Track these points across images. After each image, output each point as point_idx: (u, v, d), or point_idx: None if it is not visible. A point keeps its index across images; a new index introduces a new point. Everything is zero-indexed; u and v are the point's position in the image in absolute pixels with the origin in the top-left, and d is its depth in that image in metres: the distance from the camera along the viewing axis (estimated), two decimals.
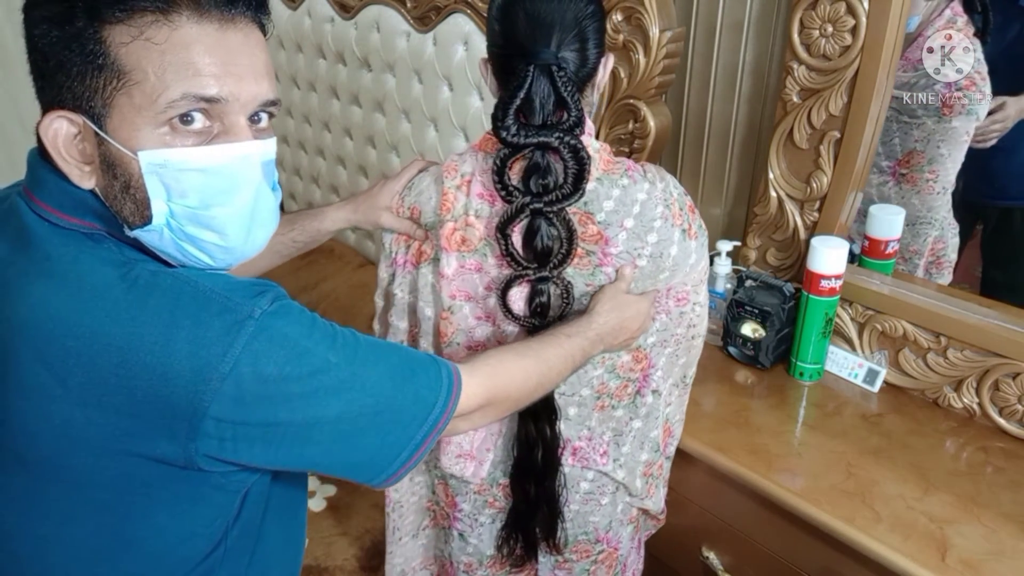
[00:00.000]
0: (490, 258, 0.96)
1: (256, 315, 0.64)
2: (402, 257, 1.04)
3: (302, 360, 0.66)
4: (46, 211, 0.67)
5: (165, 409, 0.62)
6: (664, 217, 0.93)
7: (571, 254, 0.90)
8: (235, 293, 0.65)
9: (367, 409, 0.70)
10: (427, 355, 0.78)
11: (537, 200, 0.87)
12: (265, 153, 0.70)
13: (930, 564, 0.96)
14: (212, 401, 0.62)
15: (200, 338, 0.62)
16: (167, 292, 0.64)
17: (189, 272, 0.67)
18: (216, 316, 0.63)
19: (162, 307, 0.63)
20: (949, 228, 1.36)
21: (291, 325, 0.67)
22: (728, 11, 1.44)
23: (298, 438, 0.68)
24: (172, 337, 0.62)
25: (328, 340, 0.69)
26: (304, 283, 2.24)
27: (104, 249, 0.67)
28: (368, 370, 0.71)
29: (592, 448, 1.04)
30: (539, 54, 0.84)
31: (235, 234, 0.69)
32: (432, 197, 0.99)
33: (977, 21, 1.20)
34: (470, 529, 1.12)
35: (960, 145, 1.28)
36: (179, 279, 0.65)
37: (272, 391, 0.65)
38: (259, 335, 0.64)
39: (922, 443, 1.18)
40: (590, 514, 1.08)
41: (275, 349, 0.65)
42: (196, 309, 0.63)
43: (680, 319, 1.03)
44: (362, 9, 1.94)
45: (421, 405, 0.73)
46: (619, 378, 1.01)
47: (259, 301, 0.65)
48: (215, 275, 0.68)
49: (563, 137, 0.85)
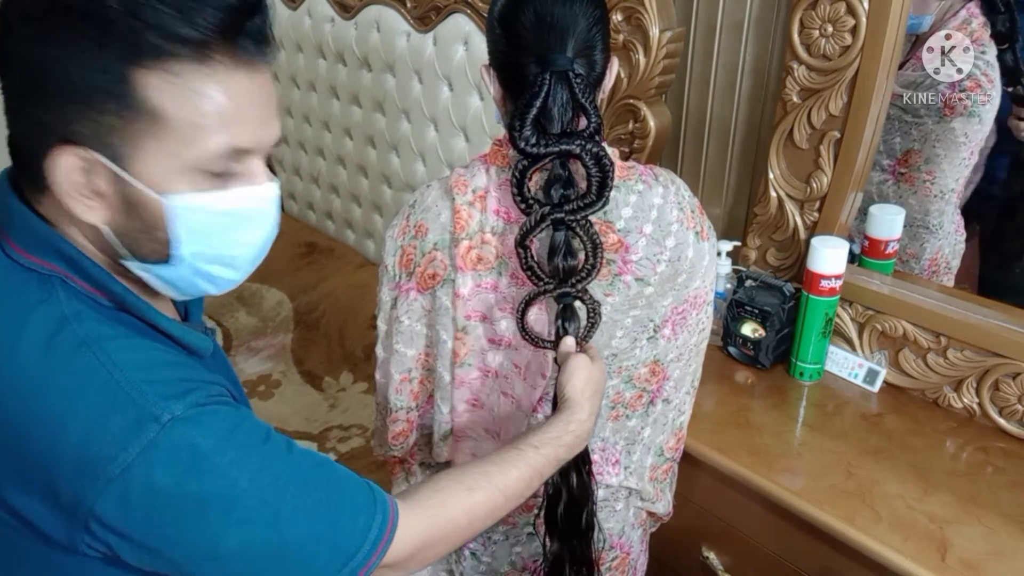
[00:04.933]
0: (505, 277, 0.92)
1: (163, 419, 0.59)
2: (406, 283, 0.98)
3: (204, 478, 0.60)
4: (8, 245, 0.64)
5: (52, 491, 0.59)
6: (679, 220, 0.91)
7: (597, 267, 0.84)
8: (152, 388, 0.60)
9: (271, 549, 0.62)
10: (366, 488, 0.69)
11: (558, 209, 0.82)
12: (277, 192, 0.70)
13: (930, 564, 0.96)
14: (95, 502, 0.58)
15: (94, 432, 0.58)
16: (77, 373, 0.60)
17: (116, 353, 0.61)
18: (118, 412, 0.59)
19: (66, 389, 0.59)
20: (949, 238, 1.35)
21: (204, 436, 0.61)
22: (728, 11, 1.44)
23: (184, 566, 0.61)
24: (66, 425, 0.58)
25: (247, 459, 0.62)
26: (304, 283, 2.24)
27: (51, 300, 0.63)
28: (284, 502, 0.63)
29: (605, 459, 1.02)
30: (555, 61, 0.80)
31: (246, 267, 0.70)
32: (441, 213, 0.93)
33: (1001, 22, 1.19)
34: (483, 548, 1.10)
35: (957, 147, 1.28)
36: (99, 359, 0.60)
37: (162, 505, 0.59)
38: (161, 442, 0.58)
39: (922, 443, 1.18)
40: (604, 521, 1.06)
41: (176, 460, 0.59)
42: (99, 400, 0.59)
43: (695, 327, 1.00)
44: (362, 9, 1.94)
45: (338, 553, 0.64)
46: (635, 388, 0.99)
47: (173, 404, 0.60)
48: (151, 359, 0.64)
49: (584, 144, 0.81)
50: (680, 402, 1.06)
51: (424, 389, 1.05)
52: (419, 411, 1.07)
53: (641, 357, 0.97)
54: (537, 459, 0.80)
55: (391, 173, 2.09)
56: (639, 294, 0.92)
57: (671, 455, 1.09)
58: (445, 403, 1.04)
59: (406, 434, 1.07)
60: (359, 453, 1.74)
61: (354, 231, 2.37)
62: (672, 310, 0.95)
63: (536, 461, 0.80)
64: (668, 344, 0.98)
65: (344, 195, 2.35)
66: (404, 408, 1.04)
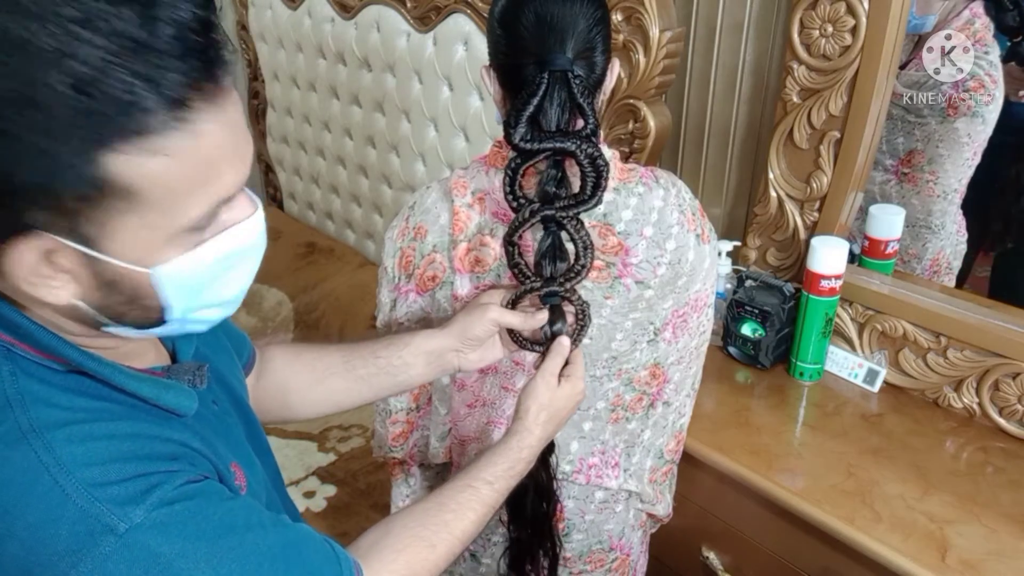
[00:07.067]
0: (504, 279, 0.92)
1: (120, 530, 0.52)
2: (405, 285, 0.98)
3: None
4: None
5: None
6: (680, 223, 0.91)
7: (587, 267, 0.83)
8: (106, 493, 0.53)
9: None
10: (333, 560, 0.67)
11: (549, 206, 0.81)
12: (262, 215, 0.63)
13: (930, 564, 0.96)
14: None
15: (40, 549, 0.51)
16: (16, 477, 0.52)
17: (63, 448, 0.54)
18: (65, 523, 0.52)
19: (7, 487, 0.52)
20: (951, 238, 1.35)
21: (169, 541, 0.55)
22: (728, 11, 1.44)
23: None
24: (4, 538, 0.52)
25: (216, 554, 0.57)
26: (304, 283, 2.24)
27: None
28: None
29: (605, 462, 1.02)
30: (554, 61, 0.80)
31: (238, 297, 0.64)
32: (441, 215, 0.93)
33: (1010, 19, 1.19)
34: (482, 549, 1.10)
35: (960, 147, 1.28)
36: (41, 459, 0.53)
37: None
38: (118, 554, 0.52)
39: (922, 443, 1.18)
40: (604, 523, 1.07)
41: (135, 572, 0.53)
42: (43, 513, 0.52)
43: (696, 329, 1.00)
44: (362, 9, 1.94)
45: None
46: (635, 391, 0.99)
47: (132, 510, 0.53)
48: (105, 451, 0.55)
49: (580, 144, 0.79)
50: (680, 404, 1.05)
51: (424, 391, 1.05)
52: (419, 412, 1.07)
53: (641, 360, 0.97)
54: (491, 496, 0.81)
55: (391, 173, 2.09)
56: (639, 297, 0.92)
57: (671, 457, 1.09)
58: (443, 404, 1.04)
59: (406, 435, 1.07)
60: (359, 453, 1.75)
61: (354, 231, 2.37)
62: (673, 313, 0.95)
63: (490, 498, 0.81)
64: (668, 347, 0.98)
65: (344, 195, 2.35)
66: (404, 409, 1.05)
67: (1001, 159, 1.27)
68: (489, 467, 0.82)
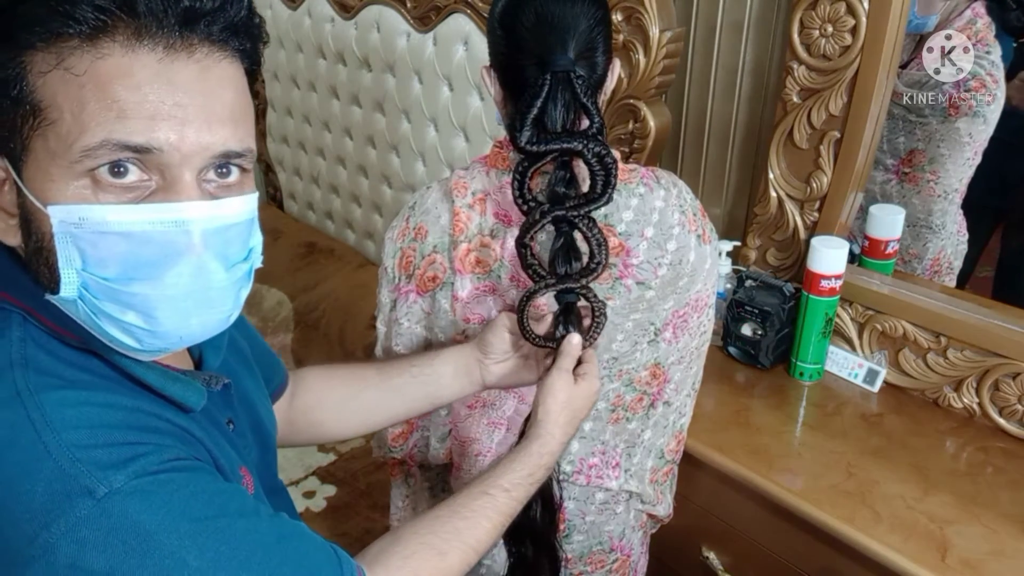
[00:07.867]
0: (504, 280, 0.92)
1: (99, 494, 0.50)
2: (405, 285, 0.97)
3: (147, 558, 0.51)
4: None
5: None
6: (681, 224, 0.91)
7: (603, 264, 0.81)
8: (88, 455, 0.51)
9: None
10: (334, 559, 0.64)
11: (560, 207, 0.80)
12: (212, 218, 0.54)
13: (930, 564, 0.96)
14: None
15: (12, 506, 0.49)
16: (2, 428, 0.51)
17: (53, 409, 0.52)
18: (41, 482, 0.50)
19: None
20: (951, 238, 1.35)
21: (150, 511, 0.52)
22: (728, 11, 1.44)
23: None
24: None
25: (202, 535, 0.54)
26: (304, 283, 2.24)
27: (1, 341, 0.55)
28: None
29: (605, 462, 1.02)
30: (556, 62, 0.79)
31: (166, 318, 0.55)
32: (441, 216, 0.93)
33: (1014, 19, 1.19)
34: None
35: (961, 147, 1.28)
36: (29, 415, 0.51)
37: None
38: (94, 520, 0.50)
39: (922, 443, 1.18)
40: (605, 523, 1.07)
41: (112, 540, 0.50)
42: (20, 468, 0.50)
43: (697, 330, 1.00)
44: (362, 9, 1.94)
45: None
46: (635, 391, 0.99)
47: (112, 474, 0.51)
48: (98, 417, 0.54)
49: (587, 143, 0.78)
50: (681, 404, 1.05)
51: None
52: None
53: (642, 360, 0.97)
54: (508, 504, 0.76)
55: (391, 173, 2.09)
56: (640, 298, 0.92)
57: (671, 457, 1.09)
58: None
59: (405, 436, 1.07)
60: (359, 453, 1.75)
61: (354, 231, 2.37)
62: (673, 313, 0.95)
63: (507, 506, 0.76)
64: (669, 347, 0.97)
65: (344, 195, 2.35)
66: None
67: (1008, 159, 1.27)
68: (507, 473, 0.77)
